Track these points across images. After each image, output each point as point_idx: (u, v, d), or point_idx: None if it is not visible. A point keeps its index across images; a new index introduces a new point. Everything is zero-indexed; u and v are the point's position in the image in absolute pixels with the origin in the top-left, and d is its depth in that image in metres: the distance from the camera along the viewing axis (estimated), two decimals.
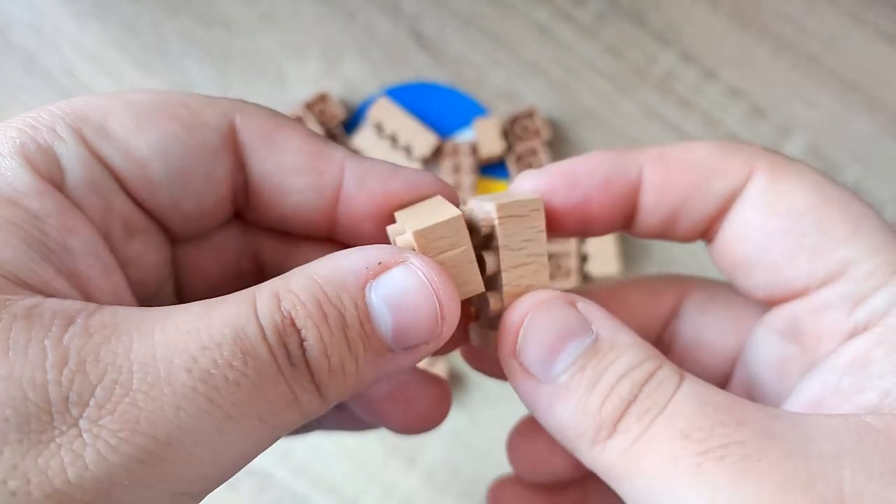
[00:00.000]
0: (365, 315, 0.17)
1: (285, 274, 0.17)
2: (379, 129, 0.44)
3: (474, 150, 0.45)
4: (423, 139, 0.44)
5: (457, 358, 0.43)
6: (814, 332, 0.19)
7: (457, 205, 0.20)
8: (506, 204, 0.19)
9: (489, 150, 0.44)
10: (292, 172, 0.20)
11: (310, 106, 0.45)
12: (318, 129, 0.43)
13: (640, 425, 0.17)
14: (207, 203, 0.20)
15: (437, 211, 0.19)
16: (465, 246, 0.18)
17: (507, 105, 0.46)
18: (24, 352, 0.14)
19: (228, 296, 0.16)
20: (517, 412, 0.42)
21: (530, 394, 0.18)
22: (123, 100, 0.18)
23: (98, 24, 0.47)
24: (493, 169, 0.45)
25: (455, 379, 0.42)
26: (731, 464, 0.15)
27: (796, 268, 0.19)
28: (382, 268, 0.17)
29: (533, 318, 0.18)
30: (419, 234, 0.18)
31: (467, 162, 0.44)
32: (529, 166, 0.44)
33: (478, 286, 0.19)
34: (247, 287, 0.17)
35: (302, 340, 0.16)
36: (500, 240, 0.19)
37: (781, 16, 0.46)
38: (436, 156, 0.45)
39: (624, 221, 0.22)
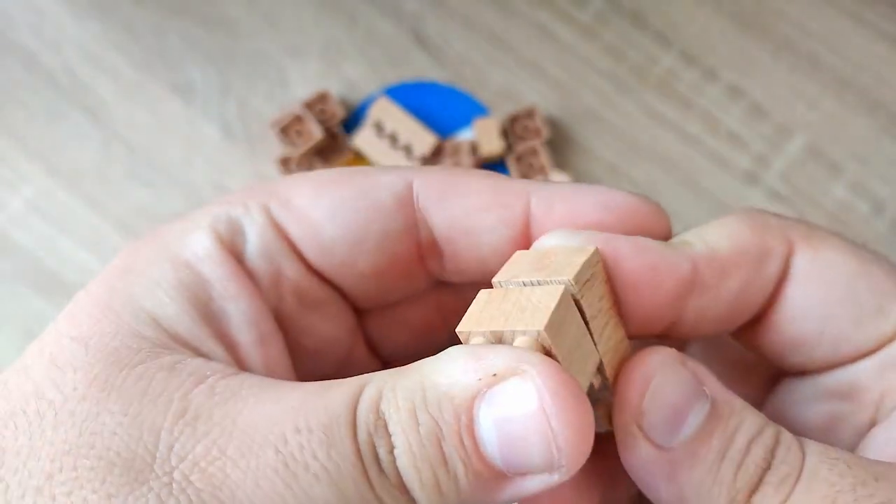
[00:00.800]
0: (468, 430, 0.15)
1: (406, 368, 0.16)
2: (379, 128, 0.44)
3: (474, 149, 0.45)
4: (422, 138, 0.44)
5: None
6: (877, 388, 0.19)
7: (666, 232, 0.19)
8: (577, 273, 0.17)
9: (489, 150, 0.44)
10: (479, 212, 0.19)
11: (310, 105, 0.45)
12: (317, 129, 0.43)
13: (780, 494, 0.16)
14: (384, 261, 0.20)
15: (553, 273, 0.17)
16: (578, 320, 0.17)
17: (507, 105, 0.46)
18: (155, 399, 0.16)
19: (344, 381, 0.16)
20: None
21: (651, 462, 0.17)
22: (311, 176, 0.19)
23: (98, 24, 0.47)
24: (493, 168, 0.45)
25: None
26: None
27: (864, 331, 0.19)
28: (497, 378, 0.15)
29: (659, 381, 0.17)
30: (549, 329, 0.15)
31: (467, 161, 0.44)
32: (530, 166, 0.44)
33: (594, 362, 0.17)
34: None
35: (392, 447, 0.15)
36: (587, 313, 0.17)
37: (782, 16, 0.46)
38: (436, 155, 0.45)
39: (665, 323, 0.19)
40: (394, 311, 0.22)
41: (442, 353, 0.16)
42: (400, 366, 0.16)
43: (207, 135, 0.46)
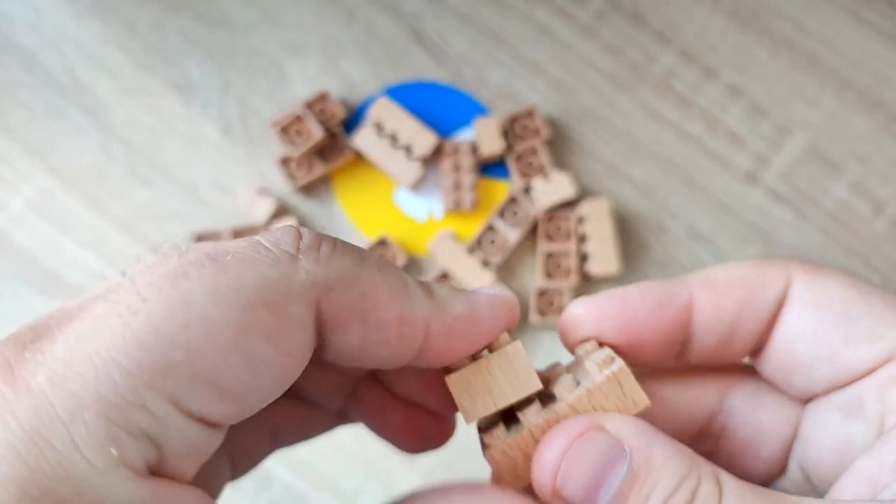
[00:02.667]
0: None
1: None
2: (379, 128, 0.44)
3: (474, 149, 0.45)
4: (423, 138, 0.44)
5: None
6: (880, 407, 0.20)
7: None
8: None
9: (489, 150, 0.44)
10: (377, 344, 0.19)
11: (310, 105, 0.45)
12: (317, 129, 0.43)
13: None
14: (285, 386, 0.18)
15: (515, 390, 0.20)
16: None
17: (507, 104, 0.46)
18: None
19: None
20: None
21: None
22: (201, 328, 0.16)
23: (98, 23, 0.47)
24: (493, 168, 0.45)
25: None
26: None
27: (858, 352, 0.20)
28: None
29: (571, 456, 0.18)
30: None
31: (467, 161, 0.44)
32: (529, 166, 0.44)
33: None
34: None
35: None
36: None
37: (781, 15, 0.46)
38: (436, 155, 0.45)
39: (675, 347, 0.22)
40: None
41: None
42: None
43: (207, 134, 0.46)
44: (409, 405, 0.24)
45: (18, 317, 0.43)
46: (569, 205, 0.44)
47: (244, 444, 0.24)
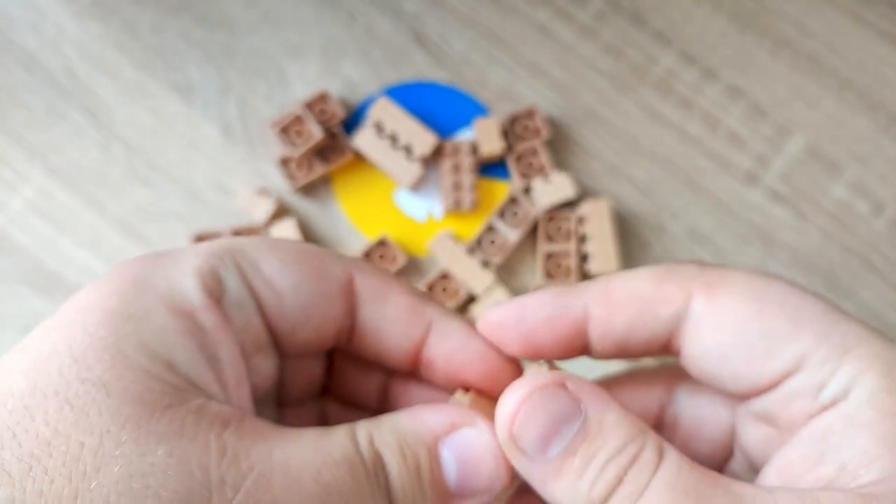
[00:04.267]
0: (436, 464, 0.21)
1: (377, 419, 0.21)
2: (379, 128, 0.44)
3: (474, 149, 0.45)
4: (423, 139, 0.44)
5: None
6: (786, 417, 0.21)
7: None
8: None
9: (489, 150, 0.44)
10: (392, 323, 0.23)
11: (310, 105, 0.45)
12: (317, 129, 0.43)
13: None
14: (318, 335, 0.23)
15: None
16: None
17: (507, 105, 0.46)
18: (192, 440, 0.18)
19: (333, 428, 0.20)
20: None
21: (527, 471, 0.21)
22: (270, 245, 0.22)
23: (98, 23, 0.47)
24: (493, 168, 0.45)
25: None
26: None
27: (757, 371, 0.21)
28: (454, 427, 0.21)
29: (529, 406, 0.20)
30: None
31: (467, 161, 0.44)
32: (530, 166, 0.44)
33: None
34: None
35: (387, 474, 0.20)
36: None
37: (782, 16, 0.46)
38: (436, 155, 0.45)
39: (577, 350, 0.24)
40: (301, 360, 0.26)
41: (411, 409, 0.22)
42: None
43: (207, 135, 0.46)
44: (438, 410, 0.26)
45: (18, 317, 0.43)
46: (569, 205, 0.44)
47: (294, 420, 0.26)
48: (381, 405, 0.26)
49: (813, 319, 0.21)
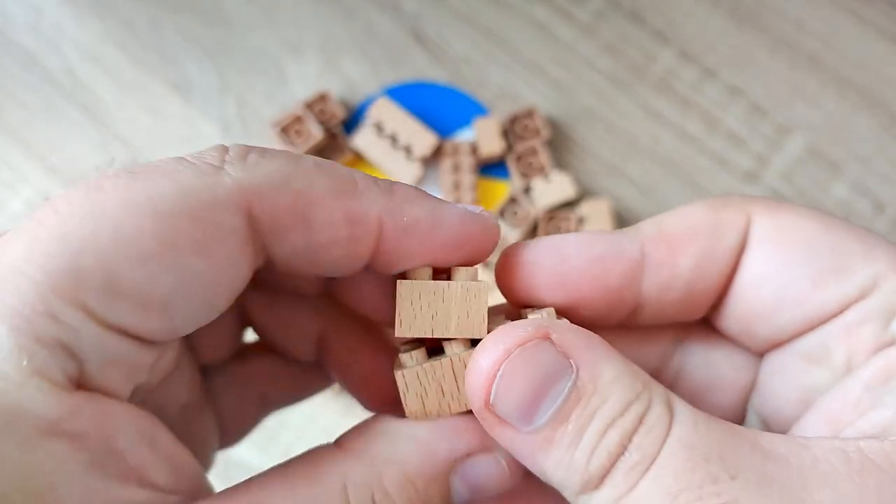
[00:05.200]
0: (446, 497, 0.18)
1: (373, 459, 0.17)
2: (379, 128, 0.44)
3: (474, 149, 0.44)
4: (423, 139, 0.44)
5: None
6: (845, 350, 0.18)
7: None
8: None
9: (489, 150, 0.44)
10: (325, 247, 0.18)
11: (310, 105, 0.44)
12: (317, 129, 0.43)
13: (628, 482, 0.15)
14: (227, 304, 0.18)
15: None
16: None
17: (507, 104, 0.46)
18: None
19: (312, 472, 0.17)
20: None
21: (509, 442, 0.17)
22: (117, 236, 0.15)
23: (97, 21, 0.47)
24: (493, 168, 0.45)
25: None
26: None
27: (825, 292, 0.18)
28: (468, 456, 0.18)
29: (509, 367, 0.16)
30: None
31: (467, 161, 0.44)
32: (529, 166, 0.44)
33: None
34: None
35: None
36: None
37: (781, 15, 0.46)
38: (436, 155, 0.45)
39: (623, 308, 0.19)
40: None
41: (402, 432, 0.18)
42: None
43: (206, 134, 0.46)
44: (375, 354, 0.22)
45: None
46: (569, 205, 0.44)
47: (232, 408, 0.23)
48: (319, 352, 0.23)
49: (886, 247, 0.18)
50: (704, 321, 0.21)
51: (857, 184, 0.44)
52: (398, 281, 0.18)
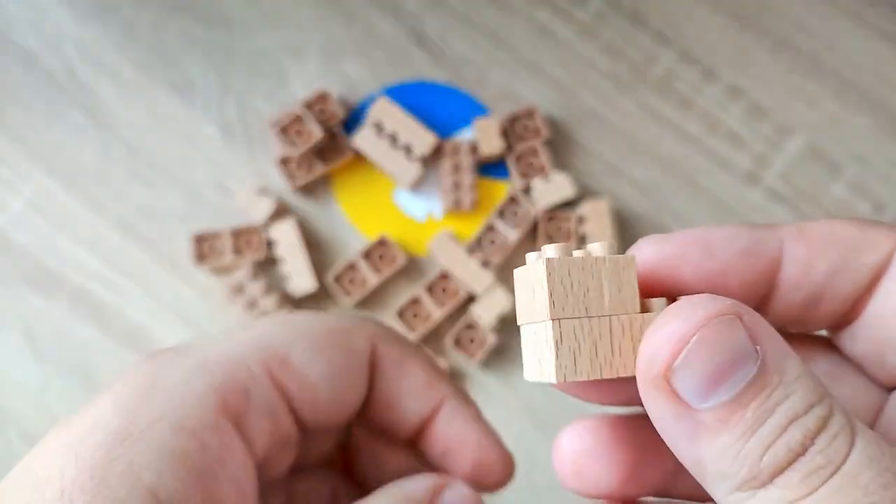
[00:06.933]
0: None
1: None
2: (378, 128, 0.44)
3: (474, 149, 0.44)
4: (422, 138, 0.44)
5: (456, 356, 0.43)
6: None
7: None
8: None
9: (489, 150, 0.44)
10: (409, 395, 0.23)
11: (310, 105, 0.45)
12: (317, 129, 0.43)
13: (807, 485, 0.15)
14: (343, 411, 0.23)
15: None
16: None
17: (507, 104, 0.46)
18: None
19: None
20: (519, 414, 0.42)
21: (673, 420, 0.16)
22: (298, 330, 0.22)
23: (98, 23, 0.47)
24: (493, 168, 0.45)
25: (455, 378, 0.42)
26: None
27: None
28: (439, 490, 0.22)
29: (703, 336, 0.15)
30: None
31: (467, 161, 0.44)
32: (529, 166, 0.44)
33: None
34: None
35: None
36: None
37: (782, 15, 0.46)
38: (435, 155, 0.45)
39: (758, 301, 0.19)
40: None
41: (397, 484, 0.22)
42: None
43: (207, 134, 0.46)
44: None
45: (18, 316, 0.43)
46: (569, 205, 0.44)
47: (304, 493, 0.26)
48: (382, 473, 0.26)
49: None
50: (831, 344, 0.21)
51: (856, 184, 0.44)
52: (515, 272, 0.19)
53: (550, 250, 0.18)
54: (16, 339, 0.43)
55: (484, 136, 0.44)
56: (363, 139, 0.44)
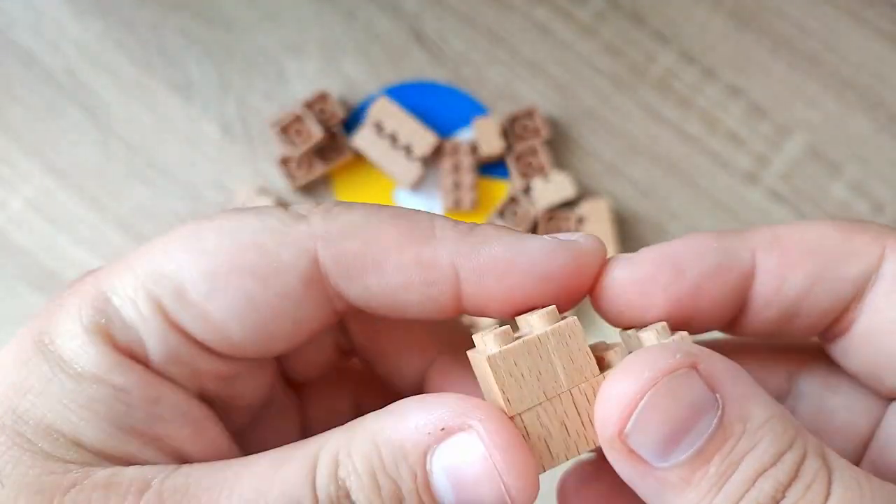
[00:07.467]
0: (424, 486, 0.15)
1: (353, 426, 0.16)
2: (378, 128, 0.44)
3: (474, 149, 0.45)
4: (422, 138, 0.44)
5: None
6: None
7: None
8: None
9: (489, 150, 0.44)
10: (401, 290, 0.18)
11: (310, 105, 0.45)
12: (317, 129, 0.43)
13: None
14: (300, 339, 0.19)
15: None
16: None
17: (507, 104, 0.46)
18: None
19: (296, 452, 0.16)
20: None
21: (638, 479, 0.15)
22: (195, 254, 0.17)
23: (98, 22, 0.47)
24: (493, 168, 0.45)
25: None
26: None
27: None
28: (446, 433, 0.16)
29: (655, 396, 0.15)
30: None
31: (467, 161, 0.44)
32: (529, 165, 0.44)
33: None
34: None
35: None
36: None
37: (781, 15, 0.46)
38: (435, 155, 0.45)
39: (731, 317, 0.18)
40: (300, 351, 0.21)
41: (391, 406, 0.16)
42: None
43: (207, 134, 0.46)
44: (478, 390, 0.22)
45: (18, 317, 0.43)
46: (569, 205, 0.44)
47: (322, 413, 0.23)
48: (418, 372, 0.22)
49: None
50: (824, 354, 0.20)
51: (856, 184, 0.44)
52: (468, 354, 0.17)
53: (490, 342, 0.16)
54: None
55: (484, 135, 0.44)
56: (363, 139, 0.44)
